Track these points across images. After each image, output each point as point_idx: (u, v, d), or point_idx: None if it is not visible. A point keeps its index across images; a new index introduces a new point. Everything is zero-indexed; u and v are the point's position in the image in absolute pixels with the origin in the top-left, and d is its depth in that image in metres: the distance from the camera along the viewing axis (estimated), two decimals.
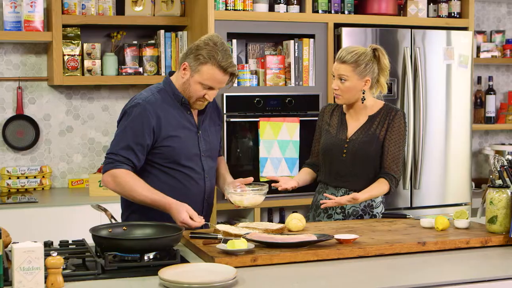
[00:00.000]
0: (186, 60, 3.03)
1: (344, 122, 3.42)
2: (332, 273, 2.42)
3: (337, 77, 3.31)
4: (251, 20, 4.47)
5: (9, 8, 4.46)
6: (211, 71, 2.98)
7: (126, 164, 2.96)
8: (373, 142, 3.33)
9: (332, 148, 3.38)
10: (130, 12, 4.71)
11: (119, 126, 3.06)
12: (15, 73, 4.69)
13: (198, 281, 2.17)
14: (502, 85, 5.89)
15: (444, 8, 4.96)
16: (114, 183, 2.96)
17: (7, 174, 4.59)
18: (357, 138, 3.35)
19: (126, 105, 3.09)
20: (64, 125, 4.81)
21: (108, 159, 3.00)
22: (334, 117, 3.46)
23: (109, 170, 2.97)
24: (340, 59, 3.30)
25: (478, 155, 5.80)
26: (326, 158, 3.42)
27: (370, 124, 3.37)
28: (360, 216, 3.34)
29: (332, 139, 3.40)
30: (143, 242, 2.49)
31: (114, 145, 3.01)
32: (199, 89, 3.01)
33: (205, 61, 2.97)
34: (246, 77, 4.52)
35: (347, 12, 4.70)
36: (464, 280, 2.40)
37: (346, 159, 3.34)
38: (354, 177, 3.34)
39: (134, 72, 4.65)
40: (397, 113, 3.36)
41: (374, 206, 3.37)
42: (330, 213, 3.37)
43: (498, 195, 2.85)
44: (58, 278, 2.19)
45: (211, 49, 2.97)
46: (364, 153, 3.32)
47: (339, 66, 3.30)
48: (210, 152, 3.17)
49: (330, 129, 3.44)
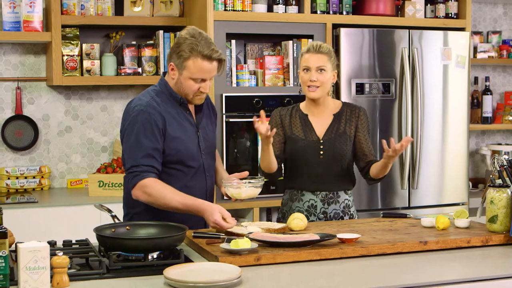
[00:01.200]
0: (171, 60, 3.02)
1: (308, 123, 3.37)
2: (335, 272, 2.44)
3: (314, 69, 3.25)
4: (250, 20, 4.49)
5: (8, 9, 4.46)
6: (197, 63, 2.95)
7: (151, 172, 2.92)
8: (346, 140, 3.34)
9: (306, 152, 3.34)
10: (129, 12, 4.72)
11: (129, 137, 2.98)
12: (14, 73, 4.70)
13: (204, 280, 2.18)
14: (498, 85, 5.92)
15: (441, 9, 4.98)
16: (145, 194, 2.91)
17: (6, 174, 4.59)
18: (329, 138, 3.34)
19: (128, 114, 3.02)
20: (63, 125, 4.81)
21: (132, 173, 2.93)
22: (294, 120, 3.39)
23: (137, 183, 2.91)
24: (315, 49, 3.27)
25: (475, 155, 5.83)
26: (299, 162, 3.35)
27: (338, 122, 3.37)
28: (341, 218, 3.35)
29: (303, 142, 3.34)
30: (148, 241, 2.51)
31: (133, 157, 2.94)
32: (192, 84, 3.00)
33: (187, 55, 2.95)
34: (245, 78, 4.53)
35: (345, 12, 4.72)
36: (465, 279, 2.41)
37: (324, 161, 3.32)
38: (332, 178, 3.34)
39: (133, 73, 4.66)
40: (362, 110, 3.41)
41: (350, 205, 3.39)
42: (312, 220, 3.32)
43: (498, 195, 2.87)
44: (64, 278, 2.20)
45: (190, 42, 2.95)
46: (340, 152, 3.33)
47: (317, 57, 3.26)
48: (209, 150, 3.17)
49: (295, 132, 3.37)
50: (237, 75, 4.53)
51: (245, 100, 4.44)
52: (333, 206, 3.34)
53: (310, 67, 3.27)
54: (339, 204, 3.35)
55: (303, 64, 3.30)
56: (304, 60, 3.30)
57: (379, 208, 4.61)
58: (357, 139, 3.37)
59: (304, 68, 3.29)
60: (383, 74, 4.67)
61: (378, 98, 4.65)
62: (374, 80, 4.62)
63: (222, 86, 4.40)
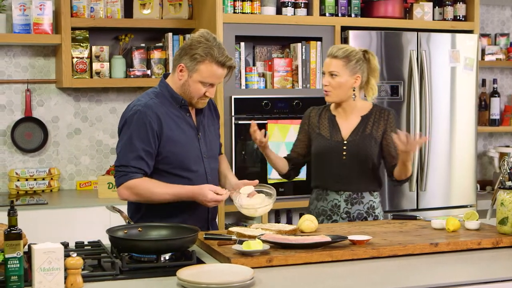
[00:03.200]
0: (181, 61, 3.00)
1: (335, 123, 3.41)
2: (346, 274, 2.45)
3: (327, 73, 3.32)
4: (259, 23, 4.50)
5: (18, 11, 4.49)
6: (210, 68, 2.96)
7: (138, 173, 2.95)
8: (371, 142, 3.36)
9: (331, 151, 3.38)
10: (138, 15, 4.74)
11: (123, 136, 3.00)
12: (24, 75, 4.72)
13: (217, 281, 2.19)
14: (506, 87, 5.92)
15: (449, 11, 4.99)
16: (133, 194, 2.95)
17: (15, 176, 4.62)
18: (354, 139, 3.36)
19: (125, 113, 3.04)
20: (72, 127, 4.83)
21: (120, 172, 2.97)
22: (323, 120, 3.45)
23: (124, 183, 2.95)
24: (331, 54, 3.33)
25: (483, 157, 5.83)
26: (323, 162, 3.40)
27: (365, 124, 3.38)
28: (364, 219, 3.37)
29: (328, 142, 3.39)
30: (161, 243, 2.52)
31: (123, 156, 2.97)
32: (200, 87, 3.00)
33: (202, 59, 2.95)
34: (254, 80, 4.55)
35: (354, 15, 4.73)
36: (476, 281, 2.42)
37: (347, 161, 3.35)
38: (356, 179, 3.36)
39: (142, 75, 4.68)
40: (391, 112, 3.42)
41: (375, 207, 3.40)
42: (335, 219, 3.37)
43: (509, 197, 2.88)
44: (78, 279, 2.22)
45: (206, 46, 2.95)
46: (364, 153, 3.34)
47: (330, 61, 3.32)
48: (211, 153, 3.15)
49: (322, 132, 3.42)
50: (246, 77, 4.54)
51: (254, 102, 4.45)
52: (356, 206, 3.36)
53: (324, 71, 3.35)
54: (363, 205, 3.36)
55: (322, 68, 3.40)
56: (323, 64, 3.40)
57: (387, 210, 4.61)
58: (385, 141, 3.39)
59: (323, 72, 3.38)
60: (391, 76, 4.68)
61: (386, 100, 4.66)
62: (382, 82, 4.63)
63: (231, 88, 4.41)
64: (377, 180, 3.42)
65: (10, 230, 2.20)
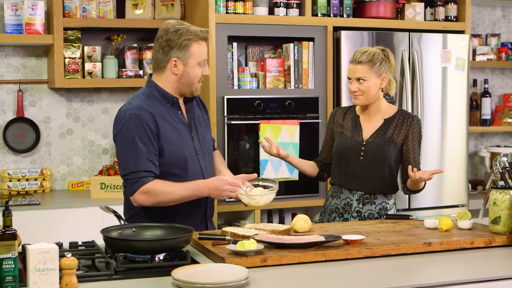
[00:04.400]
0: (171, 56, 3.01)
1: (358, 124, 3.46)
2: (340, 273, 2.46)
3: (354, 80, 3.36)
4: (251, 23, 4.51)
5: (10, 11, 4.48)
6: (199, 46, 3.03)
7: (150, 177, 2.94)
8: (390, 146, 3.38)
9: (349, 151, 3.42)
10: (130, 15, 4.73)
11: (123, 142, 2.97)
12: (16, 75, 4.71)
13: (211, 281, 2.20)
14: (497, 88, 5.95)
15: (441, 12, 5.01)
16: (150, 198, 2.93)
17: (7, 176, 4.60)
18: (373, 141, 3.40)
19: (119, 118, 3.01)
20: (64, 127, 4.83)
21: (131, 179, 2.94)
22: (347, 120, 3.50)
23: (138, 189, 2.93)
24: (355, 60, 3.36)
25: (474, 157, 5.85)
26: (341, 160, 3.45)
27: (386, 127, 3.42)
28: (375, 219, 3.40)
29: (348, 141, 3.44)
30: (155, 243, 2.52)
31: (131, 163, 2.94)
32: (197, 71, 3.05)
33: (190, 42, 3.01)
34: (246, 80, 4.55)
35: (346, 15, 4.74)
36: (469, 280, 2.43)
37: (364, 162, 3.39)
38: (370, 180, 3.39)
39: (135, 75, 4.68)
40: (415, 119, 3.43)
41: (388, 208, 3.43)
42: (346, 217, 3.41)
43: (501, 196, 2.90)
44: (73, 279, 2.21)
45: (185, 31, 3.01)
46: (382, 156, 3.38)
47: (355, 68, 3.36)
48: (205, 149, 3.17)
49: (344, 131, 3.48)
50: (238, 78, 4.54)
51: (247, 102, 4.46)
52: (368, 206, 3.39)
53: (351, 77, 3.38)
54: (375, 205, 3.40)
55: (347, 74, 3.42)
56: (348, 70, 3.41)
57: None
58: (405, 147, 3.41)
59: (348, 78, 3.40)
60: None
61: None
62: None
63: (224, 89, 4.41)
64: (393, 183, 3.44)
65: (5, 231, 2.19)
